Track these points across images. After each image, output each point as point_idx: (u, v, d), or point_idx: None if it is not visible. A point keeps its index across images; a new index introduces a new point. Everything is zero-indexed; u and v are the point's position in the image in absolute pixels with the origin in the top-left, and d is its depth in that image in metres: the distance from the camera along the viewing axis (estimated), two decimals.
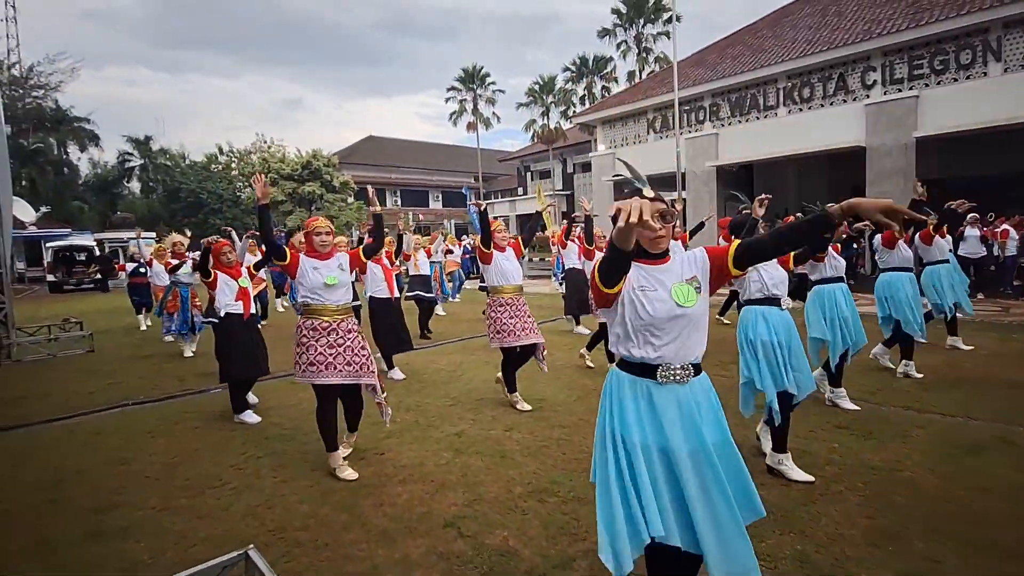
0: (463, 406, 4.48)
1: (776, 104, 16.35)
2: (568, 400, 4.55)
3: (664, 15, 29.65)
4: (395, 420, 4.16)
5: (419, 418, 4.19)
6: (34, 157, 30.42)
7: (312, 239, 3.32)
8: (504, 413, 4.24)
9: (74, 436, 4.14)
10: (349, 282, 3.52)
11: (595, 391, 4.71)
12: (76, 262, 20.67)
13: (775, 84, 16.36)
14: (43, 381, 6.01)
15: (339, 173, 35.22)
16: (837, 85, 15.06)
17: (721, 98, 17.48)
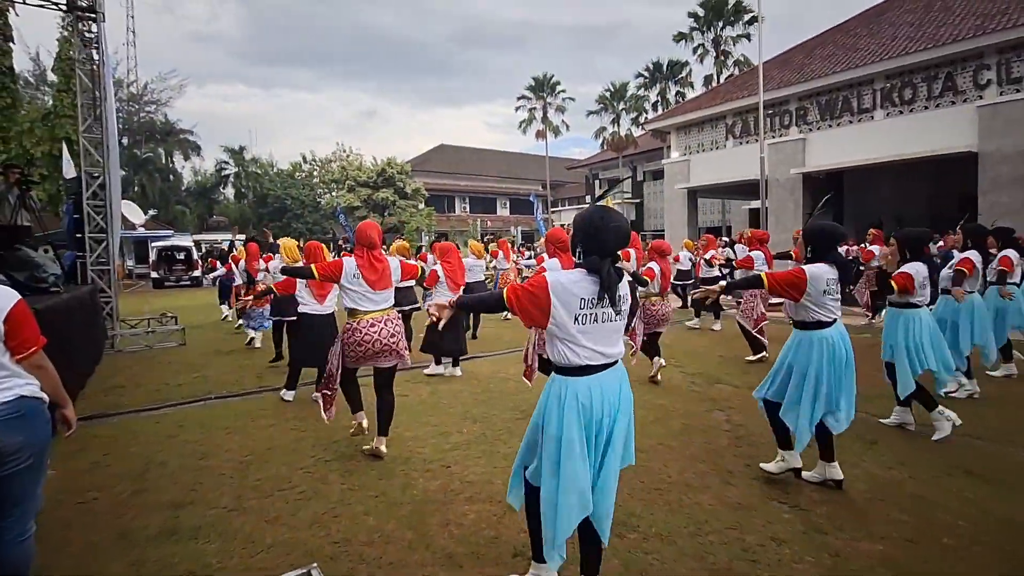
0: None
1: (872, 107, 15.11)
2: (644, 420, 4.27)
3: (745, 16, 28.39)
4: (461, 431, 4.07)
5: (486, 431, 4.07)
6: (145, 165, 33.59)
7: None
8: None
9: (160, 427, 4.36)
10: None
11: (672, 411, 4.42)
12: (176, 260, 22.48)
13: (871, 85, 15.13)
14: (139, 371, 6.45)
15: (411, 180, 36.35)
16: (944, 85, 13.70)
17: (809, 101, 16.40)
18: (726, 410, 4.54)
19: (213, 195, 41.40)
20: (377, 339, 3.42)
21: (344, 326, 3.52)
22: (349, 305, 3.49)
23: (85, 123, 7.84)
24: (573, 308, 1.92)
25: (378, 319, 3.46)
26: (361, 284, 3.44)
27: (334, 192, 39.86)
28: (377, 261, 3.51)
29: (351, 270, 3.45)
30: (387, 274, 3.55)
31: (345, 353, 3.49)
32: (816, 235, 3.06)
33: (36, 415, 1.92)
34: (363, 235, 3.55)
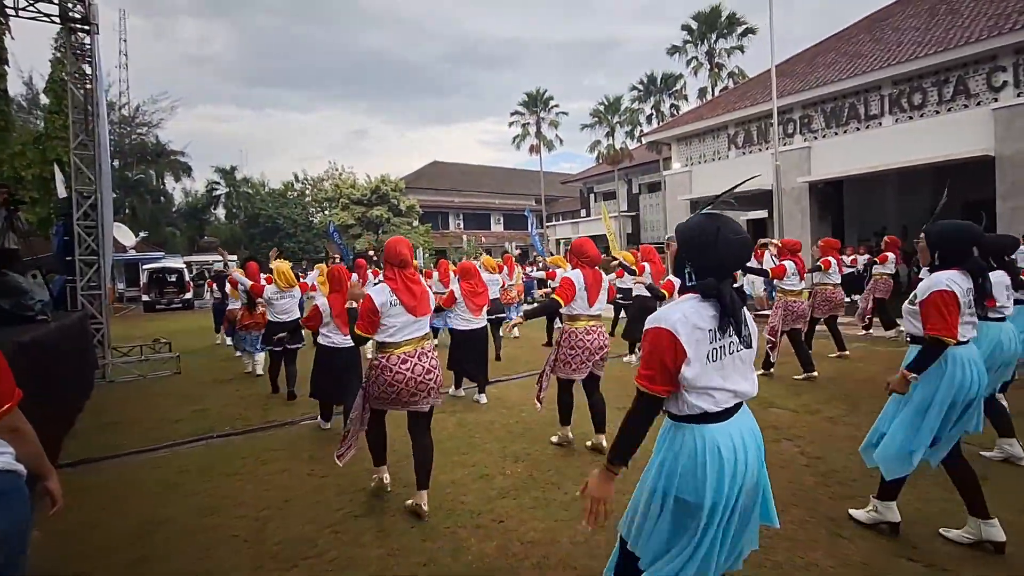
0: (580, 456, 3.83)
1: (880, 113, 14.92)
2: None
3: (738, 29, 28.51)
4: (504, 472, 3.57)
5: (533, 472, 3.57)
6: (136, 187, 33.06)
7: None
8: (633, 467, 3.54)
9: (160, 474, 3.83)
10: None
11: None
12: (168, 283, 21.86)
13: (878, 91, 14.95)
14: (133, 405, 5.91)
15: (405, 197, 36.02)
16: (956, 89, 13.51)
17: (813, 109, 16.21)
18: (794, 439, 4.08)
19: (204, 216, 40.85)
20: (411, 377, 2.92)
21: (371, 364, 3.02)
22: (381, 338, 2.97)
23: (76, 140, 7.36)
24: (704, 346, 1.56)
25: (411, 353, 2.96)
26: (401, 313, 2.95)
27: (327, 211, 39.44)
28: (413, 283, 3.01)
29: (386, 299, 2.93)
30: (426, 297, 3.06)
31: (372, 395, 3.00)
32: (947, 237, 2.63)
33: (10, 494, 1.43)
34: (393, 252, 3.03)
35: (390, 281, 2.98)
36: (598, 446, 3.87)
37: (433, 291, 6.73)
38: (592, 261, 3.90)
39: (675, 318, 1.55)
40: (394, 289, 2.96)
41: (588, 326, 3.86)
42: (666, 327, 1.54)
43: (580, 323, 3.84)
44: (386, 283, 2.98)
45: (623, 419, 1.67)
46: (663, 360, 1.53)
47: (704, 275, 1.59)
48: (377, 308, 2.90)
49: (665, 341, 1.53)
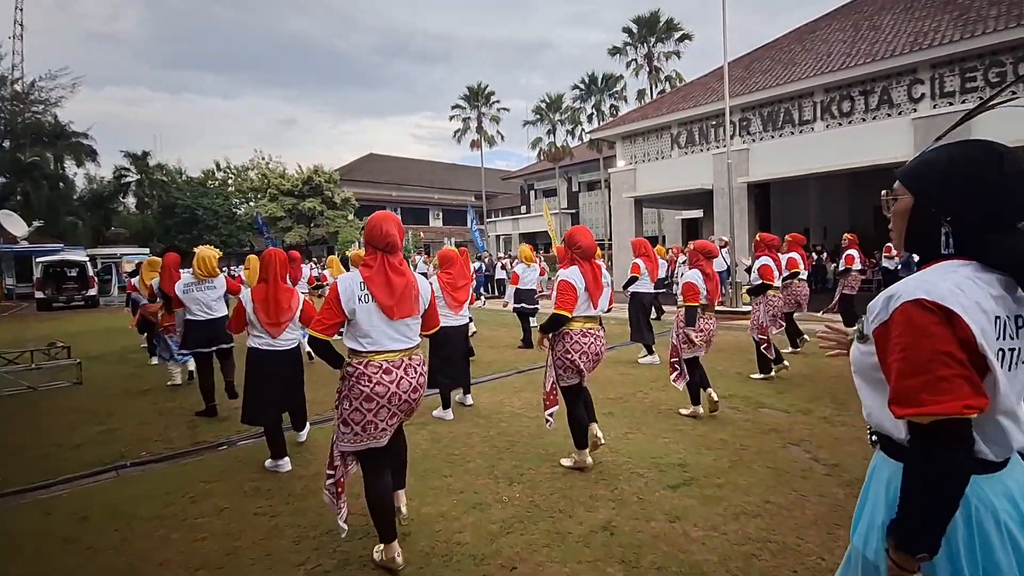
0: (582, 475, 3.36)
1: (813, 118, 15.58)
2: (721, 466, 3.44)
3: (675, 34, 29.29)
4: (501, 499, 3.03)
5: (534, 496, 3.05)
6: (30, 171, 29.30)
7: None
8: (647, 488, 3.12)
9: (53, 522, 2.97)
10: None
11: (742, 449, 3.62)
12: (67, 278, 19.40)
13: (811, 98, 15.61)
14: (20, 426, 4.83)
15: (340, 190, 34.36)
16: (880, 99, 14.31)
17: (752, 112, 16.72)
18: (800, 444, 3.81)
19: (111, 205, 37.07)
20: (394, 392, 2.29)
21: (342, 372, 2.36)
22: (351, 344, 2.33)
23: None
24: (992, 342, 0.99)
25: (395, 363, 2.31)
26: (373, 313, 2.28)
27: (252, 202, 36.89)
28: (397, 273, 2.34)
29: (352, 291, 2.27)
30: (412, 294, 2.37)
31: (344, 416, 2.31)
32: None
33: None
34: (378, 232, 2.32)
35: (364, 269, 2.31)
36: (593, 440, 3.38)
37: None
38: (587, 253, 3.42)
39: (945, 288, 0.98)
40: (366, 279, 2.27)
41: (585, 328, 3.38)
42: (934, 301, 0.96)
43: (576, 324, 3.35)
44: (359, 269, 2.33)
45: (905, 483, 1.01)
46: (949, 356, 0.94)
47: (974, 232, 1.04)
48: (340, 301, 2.25)
49: (939, 327, 0.95)
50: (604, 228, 32.47)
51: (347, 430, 2.30)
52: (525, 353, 7.65)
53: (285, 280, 3.58)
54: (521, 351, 7.84)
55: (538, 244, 33.04)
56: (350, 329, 2.32)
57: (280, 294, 3.48)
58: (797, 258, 6.52)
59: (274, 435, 3.53)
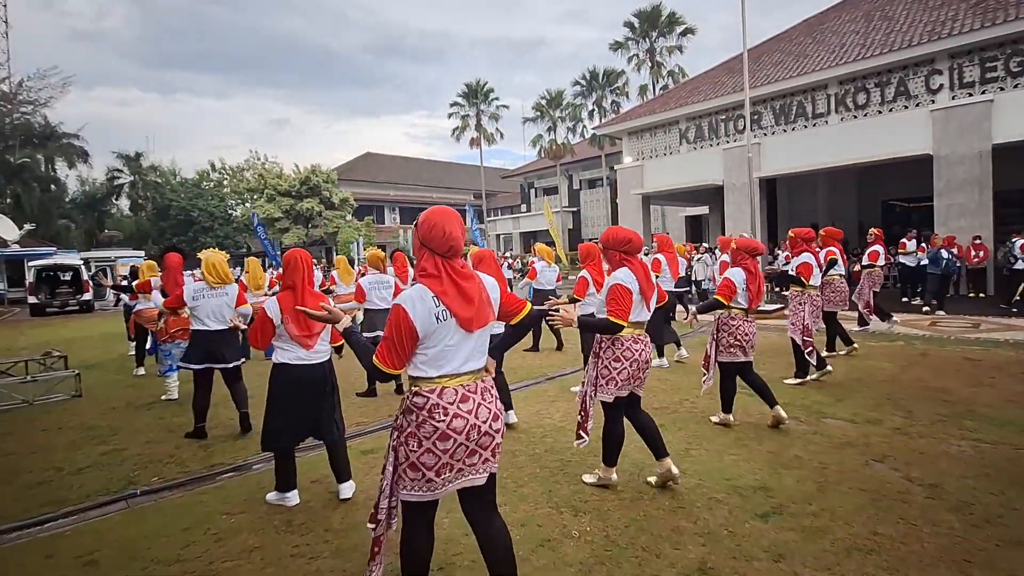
0: (651, 499, 2.98)
1: (827, 111, 15.28)
2: (807, 489, 3.07)
3: (677, 29, 28.92)
4: (570, 533, 2.65)
5: (607, 529, 2.68)
6: (20, 173, 28.70)
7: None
8: (734, 518, 2.75)
9: (58, 566, 2.57)
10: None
11: (822, 468, 3.26)
12: (61, 282, 18.92)
13: (825, 90, 15.31)
14: (15, 446, 4.42)
15: (338, 190, 33.86)
16: (897, 90, 14.01)
17: (763, 106, 16.39)
18: (885, 460, 3.45)
19: (104, 207, 36.47)
20: (473, 425, 1.85)
21: (406, 405, 1.90)
22: (414, 371, 1.88)
23: None
24: None
25: (471, 387, 1.89)
26: (452, 330, 1.85)
27: (248, 203, 36.37)
28: (466, 279, 1.90)
29: (428, 311, 1.82)
30: (486, 302, 1.94)
31: (407, 462, 1.84)
32: None
33: None
34: (439, 233, 1.87)
35: (431, 280, 1.87)
36: (668, 476, 3.03)
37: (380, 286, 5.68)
38: (636, 249, 3.05)
39: None
40: (439, 294, 1.85)
41: (636, 334, 3.02)
42: None
43: (627, 330, 2.98)
44: (422, 282, 1.89)
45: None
46: None
47: None
48: (415, 327, 1.80)
49: None
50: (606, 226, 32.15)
51: (416, 475, 1.84)
52: (551, 357, 7.28)
53: (313, 285, 3.18)
54: (545, 355, 7.45)
55: (550, 243, 32.67)
56: (419, 353, 1.88)
57: (310, 301, 3.07)
58: (835, 252, 6.18)
59: (285, 462, 3.10)
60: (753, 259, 4.12)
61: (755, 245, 4.18)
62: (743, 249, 4.15)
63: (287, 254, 3.16)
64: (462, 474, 1.90)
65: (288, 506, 3.08)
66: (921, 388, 5.06)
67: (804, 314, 5.23)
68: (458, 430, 1.83)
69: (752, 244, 4.19)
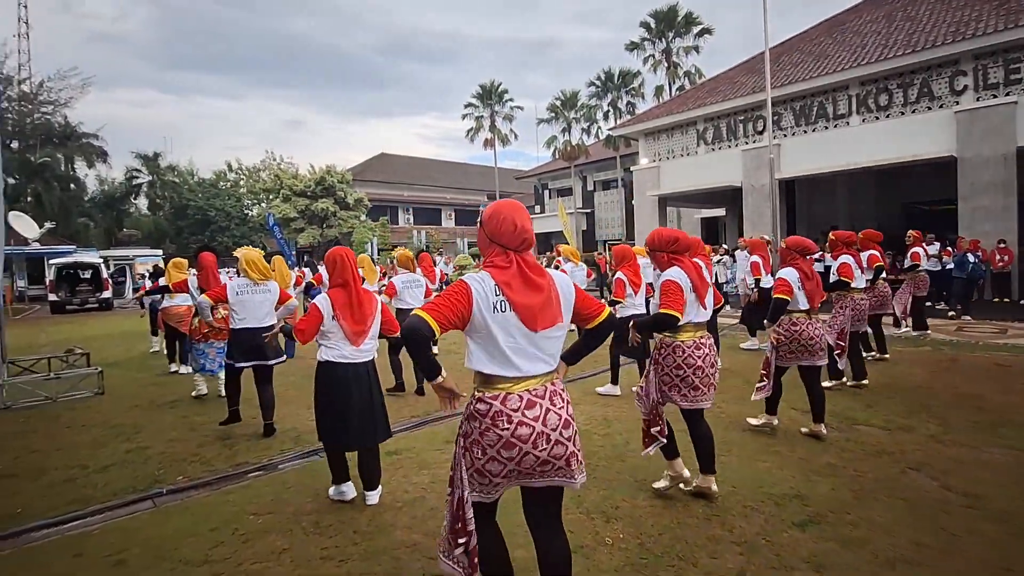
0: (684, 505, 2.91)
1: (848, 112, 15.05)
2: (843, 497, 2.99)
3: (695, 29, 28.70)
4: (603, 540, 2.59)
5: (640, 536, 2.60)
6: (40, 172, 29.20)
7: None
8: (771, 527, 2.68)
9: (86, 566, 2.57)
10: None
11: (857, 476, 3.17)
12: (80, 280, 19.21)
13: (846, 91, 15.09)
14: (38, 444, 4.45)
15: (352, 190, 34.05)
16: (920, 91, 13.76)
17: (783, 107, 16.19)
18: (921, 468, 3.35)
19: (123, 206, 37.00)
20: (541, 432, 1.74)
21: (469, 411, 1.81)
22: (480, 366, 1.78)
23: None
24: None
25: (539, 392, 1.78)
26: (511, 322, 1.75)
27: (264, 203, 36.72)
28: (537, 274, 1.81)
29: (487, 296, 1.74)
30: (554, 300, 1.82)
31: (468, 468, 1.78)
32: None
33: None
34: (508, 227, 1.78)
35: (496, 270, 1.78)
36: (706, 492, 2.96)
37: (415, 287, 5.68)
38: (681, 248, 2.97)
39: None
40: (502, 283, 1.75)
41: (697, 338, 2.93)
42: None
43: (686, 334, 2.91)
44: (487, 270, 1.80)
45: None
46: None
47: None
48: (472, 298, 1.71)
49: None
50: (621, 227, 32.00)
51: (483, 480, 1.78)
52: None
53: (361, 281, 3.18)
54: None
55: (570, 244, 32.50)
56: (476, 349, 1.79)
57: (362, 297, 3.07)
58: (877, 255, 6.03)
59: (339, 458, 3.10)
60: (805, 259, 3.99)
61: (807, 244, 4.01)
62: (793, 248, 3.99)
63: (331, 252, 3.15)
64: (530, 479, 1.80)
65: (347, 499, 3.09)
66: (954, 395, 4.93)
67: (844, 317, 5.10)
68: (524, 438, 1.72)
69: (804, 243, 4.02)
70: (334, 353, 3.02)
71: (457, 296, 1.72)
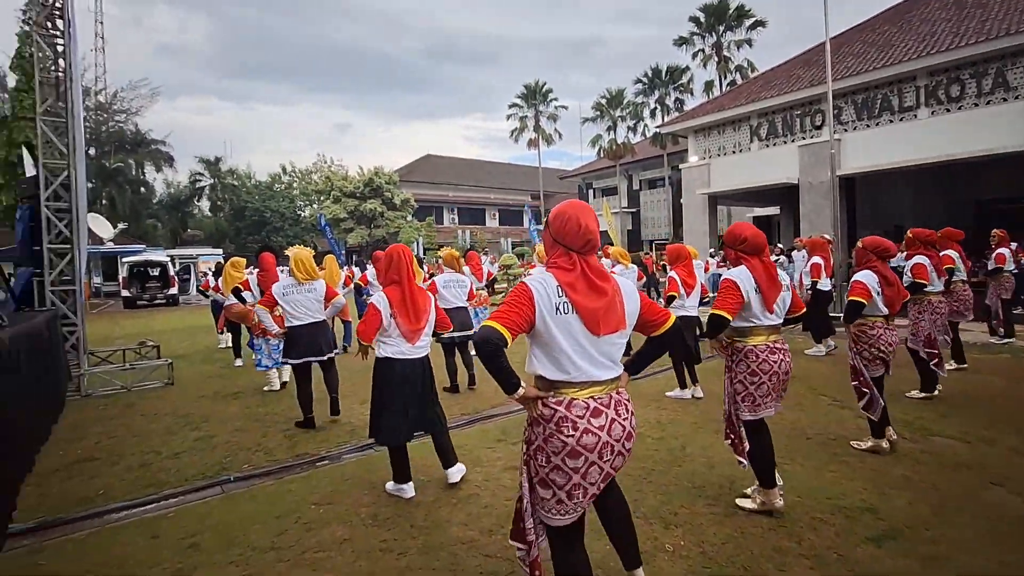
0: (751, 519, 2.81)
1: (915, 104, 14.18)
2: (920, 512, 2.81)
3: (747, 22, 27.77)
4: (663, 547, 2.53)
5: (704, 547, 2.52)
6: (114, 176, 31.28)
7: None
8: (843, 541, 2.54)
9: (159, 547, 2.71)
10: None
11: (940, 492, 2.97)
12: (150, 277, 20.45)
13: (913, 82, 14.22)
14: (114, 430, 4.74)
15: (399, 191, 34.76)
16: (995, 81, 12.81)
17: (843, 100, 15.42)
18: (1005, 484, 3.11)
19: (187, 208, 39.10)
20: (606, 443, 1.70)
21: (534, 417, 1.76)
22: (542, 370, 1.74)
23: (44, 103, 6.13)
24: None
25: (604, 400, 1.74)
26: (573, 325, 1.70)
27: (316, 204, 37.99)
28: (601, 278, 1.77)
29: (549, 297, 1.70)
30: (618, 305, 1.77)
31: (539, 476, 1.74)
32: None
33: None
34: (572, 227, 1.75)
35: (560, 271, 1.75)
36: (770, 507, 2.78)
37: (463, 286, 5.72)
38: (756, 247, 2.84)
39: None
40: (565, 284, 1.70)
41: (771, 343, 2.79)
42: None
43: (758, 337, 2.78)
44: (549, 270, 1.77)
45: None
46: None
47: None
48: (534, 301, 1.67)
49: None
50: (667, 227, 31.36)
51: (547, 494, 1.73)
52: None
53: (416, 278, 3.25)
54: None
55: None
56: (538, 351, 1.75)
57: (417, 295, 3.15)
58: (953, 255, 5.65)
59: (399, 455, 3.16)
60: (883, 262, 3.75)
61: (886, 245, 3.77)
62: (870, 249, 3.75)
63: (388, 250, 3.23)
64: (587, 491, 1.75)
65: (405, 497, 3.13)
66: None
67: (925, 322, 4.80)
68: (589, 447, 1.68)
69: (882, 244, 3.77)
70: (392, 349, 3.10)
71: (520, 300, 1.70)
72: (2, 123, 22.47)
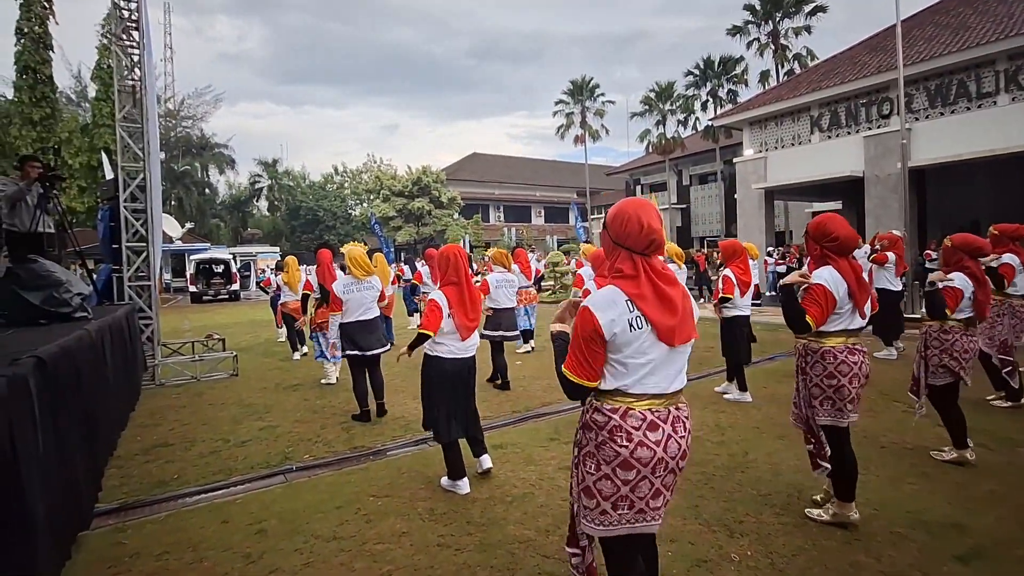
0: (824, 530, 2.67)
1: (994, 90, 13.15)
2: (1010, 530, 2.60)
3: (806, 8, 26.47)
4: (728, 556, 2.43)
5: (771, 553, 2.41)
6: (182, 179, 33.18)
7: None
8: (926, 558, 2.37)
9: (231, 531, 2.84)
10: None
11: None
12: (214, 274, 21.58)
13: (992, 67, 13.19)
14: (187, 418, 5.01)
15: (446, 189, 35.19)
16: None
17: (914, 87, 14.47)
18: None
19: (247, 208, 40.99)
20: (661, 458, 1.59)
21: (585, 420, 1.69)
22: (605, 383, 1.62)
23: (123, 110, 6.54)
24: None
25: (661, 414, 1.62)
26: (646, 338, 1.58)
27: (366, 202, 39.01)
28: (668, 282, 1.63)
29: (620, 315, 1.57)
30: (688, 311, 1.66)
31: (584, 483, 1.65)
32: None
33: None
34: (634, 226, 1.61)
35: (625, 281, 1.61)
36: (844, 519, 2.63)
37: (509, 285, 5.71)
38: (846, 247, 2.61)
39: None
40: (634, 297, 1.58)
41: (850, 343, 2.62)
42: None
43: (836, 339, 2.60)
44: (614, 283, 1.63)
45: None
46: None
47: None
48: (602, 330, 1.55)
49: None
50: (719, 223, 30.36)
51: (591, 504, 1.64)
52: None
53: (472, 278, 3.30)
54: None
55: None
56: (611, 368, 1.65)
57: (474, 294, 3.20)
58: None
59: (455, 453, 3.20)
60: (975, 261, 3.47)
61: (979, 243, 3.47)
62: (960, 247, 3.46)
63: (443, 250, 3.26)
64: (642, 516, 1.63)
65: (460, 493, 3.16)
66: None
67: (1003, 327, 4.45)
68: (643, 461, 1.57)
69: (975, 242, 3.46)
70: (444, 349, 3.14)
71: (588, 336, 1.58)
72: (84, 130, 24.25)
